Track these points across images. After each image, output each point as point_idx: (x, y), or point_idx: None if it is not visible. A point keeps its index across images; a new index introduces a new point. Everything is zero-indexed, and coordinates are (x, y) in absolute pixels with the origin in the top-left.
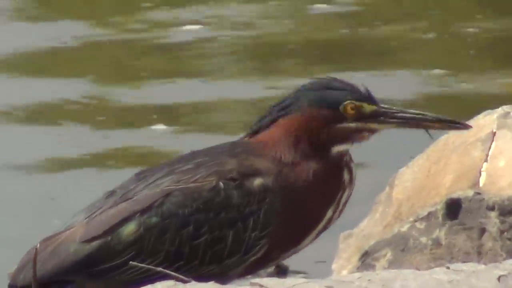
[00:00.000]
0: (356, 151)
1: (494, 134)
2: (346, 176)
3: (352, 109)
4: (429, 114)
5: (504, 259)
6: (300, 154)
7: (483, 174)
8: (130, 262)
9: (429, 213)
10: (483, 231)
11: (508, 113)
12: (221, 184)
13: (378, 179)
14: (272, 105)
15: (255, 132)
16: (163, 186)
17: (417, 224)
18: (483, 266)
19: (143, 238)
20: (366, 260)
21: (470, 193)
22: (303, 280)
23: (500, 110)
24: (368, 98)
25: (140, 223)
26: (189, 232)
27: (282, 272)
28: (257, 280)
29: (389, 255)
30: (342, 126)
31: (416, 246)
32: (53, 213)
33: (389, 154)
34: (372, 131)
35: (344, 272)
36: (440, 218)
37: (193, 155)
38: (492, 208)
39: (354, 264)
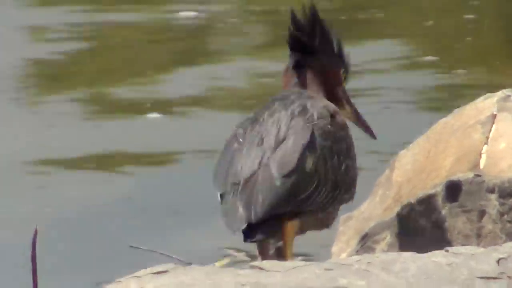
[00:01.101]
0: (356, 132)
1: (494, 116)
2: None
3: (344, 78)
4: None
5: (504, 241)
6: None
7: (483, 156)
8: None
9: (429, 195)
10: (483, 213)
11: (509, 96)
12: (333, 119)
13: (378, 162)
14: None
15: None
16: (300, 124)
17: (417, 206)
18: (482, 249)
19: (317, 170)
20: (366, 243)
21: (470, 175)
22: (303, 263)
23: (500, 93)
24: (348, 71)
25: (311, 156)
26: (336, 161)
27: (282, 254)
28: (256, 263)
29: (388, 237)
30: (340, 91)
31: (416, 229)
32: None
33: (388, 136)
34: (342, 107)
35: (344, 255)
36: (440, 200)
37: (285, 97)
38: (492, 191)
39: (354, 247)
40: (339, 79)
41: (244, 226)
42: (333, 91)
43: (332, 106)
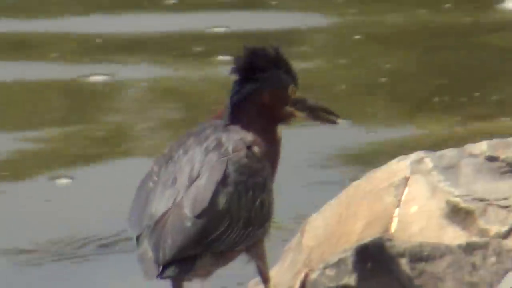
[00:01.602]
0: None
1: (407, 179)
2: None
3: (293, 92)
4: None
5: None
6: (267, 129)
7: (395, 220)
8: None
9: (339, 260)
10: (393, 278)
11: (422, 158)
12: (249, 152)
13: (288, 226)
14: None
15: (232, 112)
16: (214, 160)
17: (327, 271)
18: None
19: (230, 208)
20: None
21: (381, 239)
22: None
23: (414, 156)
24: (298, 82)
25: (224, 193)
26: (250, 197)
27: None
28: None
29: None
30: (287, 108)
31: None
32: None
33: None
34: (295, 117)
35: None
36: (350, 265)
37: (200, 132)
38: (402, 255)
39: None
40: (285, 97)
41: (157, 273)
42: (279, 111)
43: (249, 137)
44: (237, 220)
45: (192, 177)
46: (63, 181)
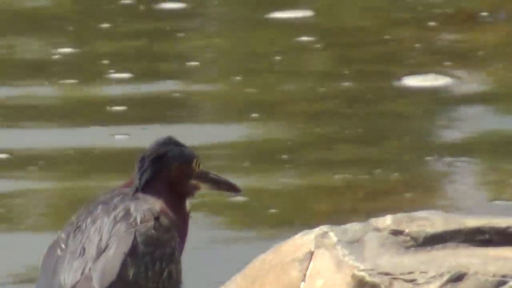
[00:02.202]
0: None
1: (312, 253)
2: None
3: (197, 166)
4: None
5: None
6: (174, 202)
7: None
8: None
9: None
10: None
11: (326, 232)
12: (157, 222)
13: None
14: (141, 160)
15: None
16: (122, 230)
17: None
18: None
19: (138, 279)
20: None
21: None
22: None
23: (318, 230)
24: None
25: (132, 264)
26: (158, 268)
27: None
28: None
29: None
30: (192, 181)
31: None
32: None
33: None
34: (198, 189)
35: None
36: None
37: (108, 201)
38: None
39: None
40: (190, 171)
41: None
42: (185, 185)
43: (158, 206)
44: None
45: (100, 248)
46: None
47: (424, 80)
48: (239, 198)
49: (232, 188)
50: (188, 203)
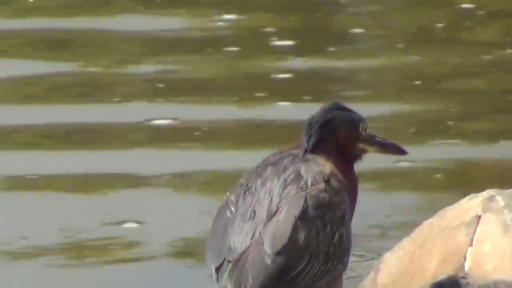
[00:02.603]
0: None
1: (479, 217)
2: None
3: (364, 130)
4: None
5: None
6: (343, 165)
7: (468, 258)
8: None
9: None
10: None
11: (493, 196)
12: (327, 185)
13: (363, 264)
14: (311, 122)
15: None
16: (293, 193)
17: None
18: None
19: (309, 244)
20: None
21: (456, 277)
22: None
23: (485, 194)
24: (365, 121)
25: (304, 229)
26: (329, 231)
27: None
28: None
29: None
30: (359, 145)
31: None
32: None
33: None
34: (365, 152)
35: None
36: None
37: (277, 163)
38: None
39: None
40: (356, 135)
41: None
42: (352, 148)
43: (328, 169)
44: (317, 256)
45: (271, 211)
46: None
47: None
48: (404, 164)
49: (399, 151)
50: (356, 167)
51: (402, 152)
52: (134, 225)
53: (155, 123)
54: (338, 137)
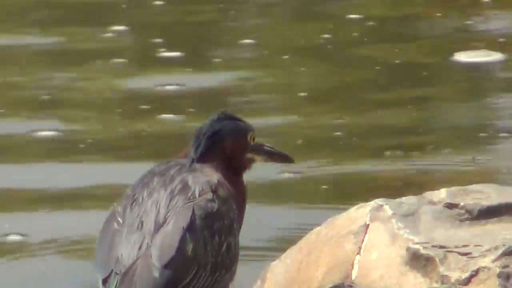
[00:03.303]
0: None
1: (367, 226)
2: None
3: (252, 139)
4: (276, 149)
5: None
6: (231, 174)
7: (356, 267)
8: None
9: None
10: None
11: (381, 206)
12: (215, 195)
13: (249, 273)
14: (197, 133)
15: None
16: (180, 204)
17: None
18: None
19: (196, 254)
20: None
21: (342, 285)
22: None
23: (373, 203)
24: (253, 130)
25: (191, 240)
26: (216, 241)
27: None
28: None
29: None
30: (248, 155)
31: None
32: None
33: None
34: (253, 162)
35: None
36: None
37: (164, 173)
38: None
39: None
40: (243, 145)
41: None
42: (241, 158)
43: (215, 178)
44: (205, 266)
45: (158, 223)
46: None
47: None
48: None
49: (286, 159)
50: (244, 177)
51: (288, 160)
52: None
53: (40, 134)
54: (225, 148)
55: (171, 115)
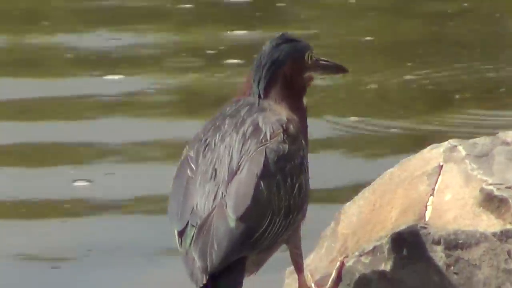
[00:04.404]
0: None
1: (440, 167)
2: None
3: (309, 58)
4: (331, 61)
5: None
6: (294, 100)
7: (429, 208)
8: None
9: (375, 247)
10: (429, 265)
11: (455, 146)
12: (286, 135)
13: (323, 214)
14: (256, 64)
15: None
16: (252, 149)
17: (363, 259)
18: None
19: (271, 200)
20: None
21: (416, 227)
22: None
23: (447, 144)
24: (311, 48)
25: (265, 186)
26: (289, 184)
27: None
28: None
29: None
30: (307, 75)
31: (362, 281)
32: None
33: (333, 188)
34: (312, 79)
35: None
36: (386, 253)
37: (235, 114)
38: (438, 242)
39: None
40: (302, 66)
41: (204, 281)
42: (301, 79)
43: (284, 114)
44: (279, 211)
45: (232, 170)
46: None
47: None
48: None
49: (341, 69)
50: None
51: (343, 70)
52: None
53: None
54: (285, 73)
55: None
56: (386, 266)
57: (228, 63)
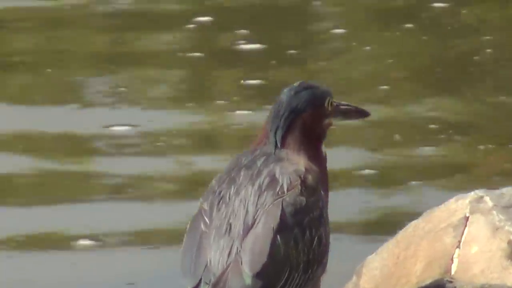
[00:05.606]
0: None
1: (467, 219)
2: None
3: (330, 105)
4: (351, 105)
5: None
6: (313, 149)
7: (455, 261)
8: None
9: None
10: None
11: (482, 197)
12: (303, 186)
13: (345, 268)
14: (274, 113)
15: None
16: (269, 202)
17: None
18: None
19: (289, 256)
20: None
21: (442, 280)
22: None
23: (473, 195)
24: (331, 94)
25: (282, 241)
26: (308, 238)
27: None
28: None
29: None
30: (326, 121)
31: None
32: None
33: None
34: (330, 125)
35: None
36: None
37: (251, 165)
38: None
39: None
40: (322, 113)
41: None
42: (318, 128)
43: (302, 164)
44: (297, 266)
45: (247, 224)
46: None
47: None
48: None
49: (362, 114)
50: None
51: (364, 114)
52: None
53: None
54: (304, 122)
55: None
56: None
57: None
